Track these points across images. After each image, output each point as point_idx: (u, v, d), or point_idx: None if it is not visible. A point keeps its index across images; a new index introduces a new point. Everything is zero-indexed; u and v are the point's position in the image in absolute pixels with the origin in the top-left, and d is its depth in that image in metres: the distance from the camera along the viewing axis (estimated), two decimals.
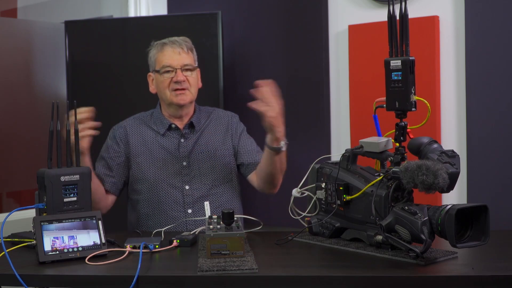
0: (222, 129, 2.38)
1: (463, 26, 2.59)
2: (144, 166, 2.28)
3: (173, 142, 2.31)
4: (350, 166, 1.85)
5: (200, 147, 2.32)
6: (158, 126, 2.34)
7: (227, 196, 2.30)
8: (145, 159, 2.29)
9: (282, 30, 3.07)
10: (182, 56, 2.29)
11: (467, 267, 1.57)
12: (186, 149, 2.30)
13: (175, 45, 2.30)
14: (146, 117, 2.40)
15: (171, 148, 2.30)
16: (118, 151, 2.32)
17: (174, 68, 2.27)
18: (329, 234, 1.87)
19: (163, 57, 2.29)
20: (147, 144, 2.31)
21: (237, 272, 1.53)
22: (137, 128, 2.36)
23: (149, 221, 2.26)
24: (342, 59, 2.90)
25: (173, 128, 2.33)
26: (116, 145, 2.33)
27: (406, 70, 1.64)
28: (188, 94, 2.29)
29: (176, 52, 2.28)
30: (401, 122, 1.69)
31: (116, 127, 2.39)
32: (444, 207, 1.55)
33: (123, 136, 2.34)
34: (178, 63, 2.27)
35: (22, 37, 3.48)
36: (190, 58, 2.31)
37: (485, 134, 2.54)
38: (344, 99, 2.90)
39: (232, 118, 2.43)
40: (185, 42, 2.33)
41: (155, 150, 2.30)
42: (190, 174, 2.27)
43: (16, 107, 3.39)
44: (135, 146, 2.31)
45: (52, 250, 1.69)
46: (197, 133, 2.34)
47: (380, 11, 2.78)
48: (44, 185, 1.81)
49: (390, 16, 1.69)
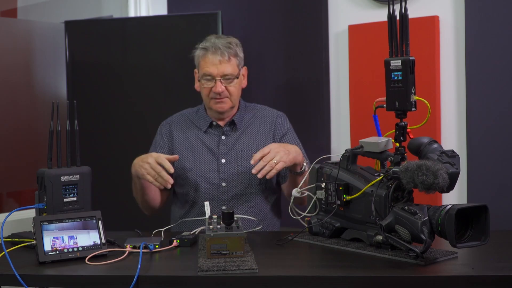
0: (266, 128, 2.38)
1: (463, 26, 2.59)
2: (185, 162, 2.31)
3: (213, 139, 2.34)
4: (350, 166, 1.85)
5: (241, 145, 2.33)
6: (200, 123, 2.37)
7: (262, 197, 2.31)
8: (186, 155, 2.33)
9: (282, 30, 3.07)
10: (223, 65, 2.26)
11: (467, 267, 1.57)
12: (226, 146, 2.32)
13: (217, 53, 2.26)
14: (191, 113, 2.44)
15: (211, 145, 2.33)
16: (164, 146, 2.37)
17: (213, 77, 2.26)
18: (329, 234, 1.87)
19: (204, 65, 2.28)
20: (189, 140, 2.35)
21: (237, 272, 1.53)
22: (182, 124, 2.40)
23: (188, 215, 2.30)
24: (342, 59, 2.90)
25: (214, 125, 2.36)
26: (162, 140, 2.39)
27: (406, 70, 1.64)
28: (228, 102, 2.30)
29: (216, 62, 2.26)
30: (401, 122, 1.69)
31: (164, 123, 2.45)
32: (444, 207, 1.55)
33: (168, 132, 2.40)
34: (218, 73, 2.26)
35: (22, 37, 3.47)
36: (231, 66, 2.27)
37: (485, 134, 2.54)
38: (344, 99, 2.90)
39: (277, 118, 2.41)
40: (228, 48, 2.27)
41: (196, 146, 2.33)
42: (228, 172, 2.28)
43: (16, 107, 3.39)
44: (178, 141, 2.36)
45: (52, 250, 1.69)
46: (238, 131, 2.35)
47: (380, 11, 2.78)
48: (44, 185, 1.81)
49: (390, 16, 1.69)
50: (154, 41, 3.11)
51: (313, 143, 2.95)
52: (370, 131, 1.88)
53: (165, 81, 3.09)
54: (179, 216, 2.34)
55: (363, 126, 2.76)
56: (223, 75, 2.26)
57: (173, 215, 2.40)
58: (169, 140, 2.38)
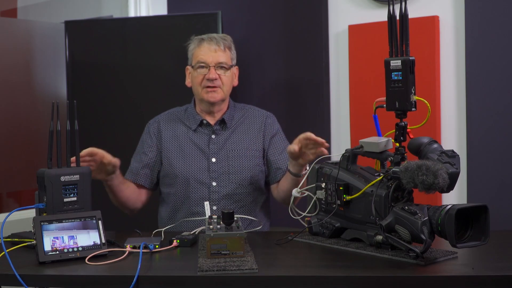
0: (255, 128, 2.37)
1: (463, 26, 2.60)
2: (174, 161, 2.30)
3: (203, 138, 2.33)
4: (350, 166, 1.85)
5: (231, 144, 2.32)
6: (190, 121, 2.36)
7: (253, 197, 2.30)
8: (176, 154, 2.31)
9: (282, 30, 3.07)
10: (218, 53, 2.28)
11: (467, 267, 1.57)
12: (216, 145, 2.31)
13: (212, 42, 2.29)
14: (180, 112, 2.42)
15: (201, 144, 2.31)
16: (151, 145, 2.35)
17: (208, 65, 2.27)
18: (329, 234, 1.87)
19: (199, 53, 2.30)
20: (178, 139, 2.33)
21: (237, 272, 1.53)
22: (170, 123, 2.38)
23: (177, 215, 2.29)
24: (342, 59, 2.90)
25: (204, 124, 2.34)
26: (149, 139, 2.37)
27: (406, 70, 1.64)
28: (220, 92, 2.29)
29: (212, 49, 2.28)
30: (401, 122, 1.69)
31: (151, 121, 2.43)
32: (444, 207, 1.55)
33: (156, 131, 2.37)
34: (213, 60, 2.27)
35: (22, 37, 3.48)
36: (226, 56, 2.30)
37: (485, 134, 2.54)
38: (344, 99, 2.90)
39: (267, 118, 2.41)
40: (223, 40, 2.32)
41: (186, 145, 2.32)
42: (218, 171, 2.28)
43: (16, 107, 3.39)
44: (167, 140, 2.34)
45: (52, 250, 1.69)
46: (229, 130, 2.34)
47: (380, 11, 2.78)
48: (44, 185, 1.80)
49: (390, 16, 1.69)
50: (154, 41, 3.11)
51: None
52: (370, 131, 1.88)
53: (165, 81, 3.09)
54: (167, 216, 2.32)
55: (363, 126, 2.76)
56: (218, 63, 2.27)
57: (161, 216, 2.38)
58: (157, 139, 2.36)
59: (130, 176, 2.35)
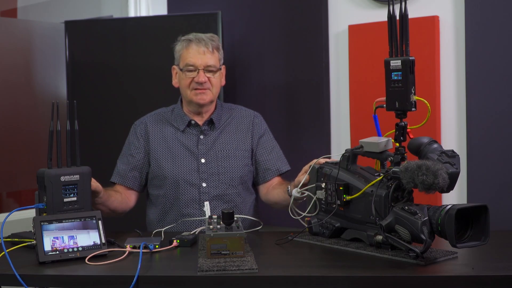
0: (244, 128, 2.36)
1: (463, 26, 2.60)
2: (162, 162, 2.28)
3: (192, 138, 2.31)
4: (350, 166, 1.85)
5: (220, 145, 2.31)
6: (178, 122, 2.34)
7: (242, 197, 2.30)
8: (164, 155, 2.29)
9: (282, 30, 3.07)
10: (207, 56, 2.26)
11: (467, 267, 1.57)
12: (205, 146, 2.30)
13: (201, 44, 2.27)
14: (166, 113, 2.39)
15: (190, 145, 2.30)
16: (139, 147, 2.33)
17: (197, 68, 2.25)
18: (329, 234, 1.87)
19: (187, 55, 2.27)
20: (166, 140, 2.31)
21: (237, 272, 1.53)
22: (158, 124, 2.36)
23: (167, 217, 2.27)
24: (342, 59, 2.90)
25: (192, 124, 2.32)
26: (137, 141, 2.34)
27: (406, 70, 1.64)
28: (209, 94, 2.28)
29: (200, 52, 2.26)
30: (401, 122, 1.69)
31: (137, 122, 2.40)
32: (444, 207, 1.55)
33: (143, 132, 2.35)
34: (201, 63, 2.25)
35: (22, 37, 3.48)
36: (214, 58, 2.28)
37: (485, 134, 2.54)
38: (344, 99, 2.90)
39: (254, 118, 2.40)
40: (211, 41, 2.29)
41: (174, 146, 2.30)
42: (208, 172, 2.27)
43: (16, 107, 3.39)
44: (155, 142, 2.32)
45: (52, 250, 1.69)
46: (217, 131, 2.33)
47: (380, 11, 2.78)
48: (44, 185, 1.80)
49: (390, 16, 1.69)
50: (154, 41, 3.11)
51: (313, 143, 2.95)
52: (370, 131, 1.88)
53: (165, 81, 3.08)
54: (156, 219, 2.30)
55: (363, 126, 2.76)
56: (207, 65, 2.26)
57: (149, 219, 2.35)
58: (145, 140, 2.33)
59: (118, 179, 2.32)
